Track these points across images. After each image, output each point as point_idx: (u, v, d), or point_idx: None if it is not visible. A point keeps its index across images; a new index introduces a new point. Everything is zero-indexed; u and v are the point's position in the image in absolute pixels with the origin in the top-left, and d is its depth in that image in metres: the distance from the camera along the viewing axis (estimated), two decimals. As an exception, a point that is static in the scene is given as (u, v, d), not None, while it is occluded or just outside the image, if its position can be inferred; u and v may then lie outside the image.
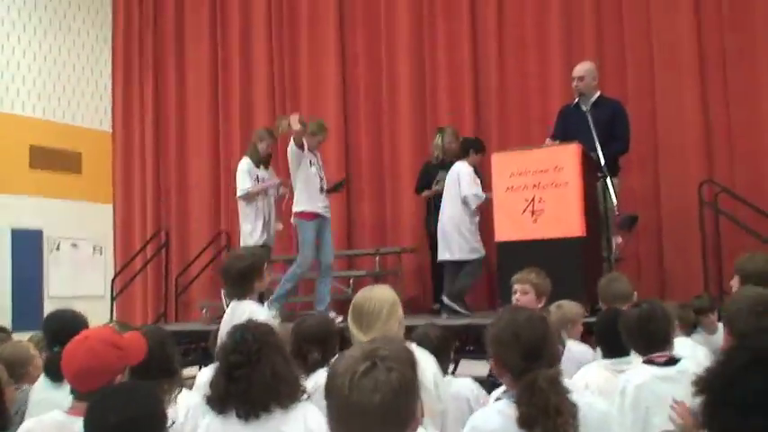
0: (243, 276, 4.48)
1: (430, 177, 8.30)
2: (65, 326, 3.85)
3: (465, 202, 7.46)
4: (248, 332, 2.98)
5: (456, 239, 7.50)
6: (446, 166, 8.03)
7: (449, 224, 7.54)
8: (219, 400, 2.89)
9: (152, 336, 3.40)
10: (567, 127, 7.10)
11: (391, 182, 9.48)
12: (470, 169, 7.54)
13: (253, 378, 2.84)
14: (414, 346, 3.16)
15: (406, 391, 1.82)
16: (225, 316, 4.51)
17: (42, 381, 3.85)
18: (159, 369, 3.22)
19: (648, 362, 3.43)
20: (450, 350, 4.23)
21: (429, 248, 8.41)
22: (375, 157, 9.77)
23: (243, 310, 4.27)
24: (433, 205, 8.11)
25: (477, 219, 7.61)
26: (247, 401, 2.83)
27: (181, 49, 11.42)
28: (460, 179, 7.50)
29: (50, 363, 3.79)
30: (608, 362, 3.82)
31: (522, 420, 2.41)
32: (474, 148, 7.72)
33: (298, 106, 10.32)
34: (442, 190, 7.80)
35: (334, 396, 1.80)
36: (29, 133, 10.90)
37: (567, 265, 5.85)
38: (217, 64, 11.08)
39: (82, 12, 11.85)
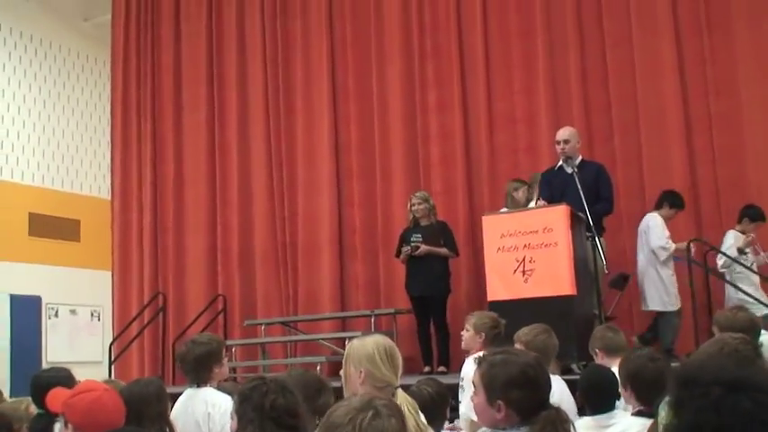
0: (200, 363, 4.25)
1: (406, 242, 8.48)
2: (47, 387, 3.89)
3: (654, 253, 7.52)
4: (289, 391, 3.02)
5: (647, 290, 7.60)
6: (415, 229, 8.37)
7: (640, 275, 7.66)
8: None
9: (149, 386, 3.54)
10: (553, 189, 7.27)
11: (384, 243, 9.58)
12: (659, 221, 7.56)
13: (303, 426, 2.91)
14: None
15: None
16: (179, 402, 4.30)
17: None
18: (153, 418, 3.36)
19: (638, 414, 3.43)
20: (445, 407, 4.26)
21: (413, 311, 8.57)
22: (368, 218, 9.91)
23: (202, 399, 4.16)
24: (409, 268, 8.39)
25: (671, 271, 7.57)
26: None
27: (178, 117, 11.63)
28: (649, 230, 7.57)
29: (35, 423, 3.88)
30: (592, 418, 3.87)
31: None
32: (668, 202, 7.71)
33: (294, 170, 10.54)
34: (410, 252, 8.20)
35: None
36: (28, 201, 11.07)
37: (559, 322, 5.91)
38: (214, 131, 11.27)
39: (81, 82, 12.12)
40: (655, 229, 7.54)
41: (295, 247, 10.42)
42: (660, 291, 7.52)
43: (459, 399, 5.15)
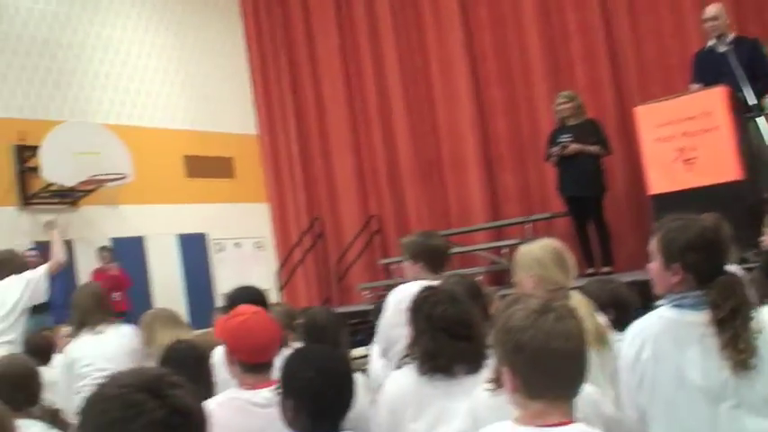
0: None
1: (554, 143, 8.23)
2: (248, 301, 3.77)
3: None
4: (460, 301, 3.01)
5: None
6: (564, 129, 8.07)
7: None
8: (436, 359, 2.89)
9: (321, 314, 3.68)
10: (705, 71, 6.87)
11: (533, 149, 9.40)
12: None
13: (478, 334, 2.92)
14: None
15: (583, 337, 1.95)
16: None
17: None
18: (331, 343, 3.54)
19: None
20: (627, 306, 4.02)
21: (569, 213, 8.38)
22: (513, 125, 9.76)
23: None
24: (560, 170, 8.15)
25: None
26: (478, 356, 2.87)
27: (312, 45, 11.79)
28: None
29: None
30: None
31: (717, 319, 2.37)
32: None
33: (430, 85, 10.48)
34: (559, 152, 7.89)
35: (527, 347, 1.88)
36: (181, 144, 11.53)
37: (729, 210, 5.67)
38: (346, 55, 11.38)
39: (213, 24, 12.37)
40: None
41: (440, 162, 10.44)
42: None
43: None
